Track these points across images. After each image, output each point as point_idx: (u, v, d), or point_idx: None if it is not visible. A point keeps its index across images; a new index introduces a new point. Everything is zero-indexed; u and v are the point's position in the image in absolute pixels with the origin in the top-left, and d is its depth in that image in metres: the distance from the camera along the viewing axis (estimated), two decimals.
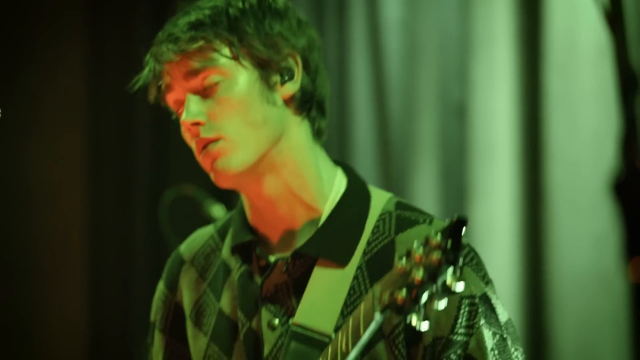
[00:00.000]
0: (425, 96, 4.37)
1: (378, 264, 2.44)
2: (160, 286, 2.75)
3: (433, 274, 1.99)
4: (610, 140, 3.83)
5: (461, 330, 2.39)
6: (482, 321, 2.40)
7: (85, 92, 5.93)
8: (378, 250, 2.47)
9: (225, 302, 2.61)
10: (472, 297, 2.40)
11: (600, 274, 3.86)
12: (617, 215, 1.52)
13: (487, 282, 2.44)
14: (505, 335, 2.44)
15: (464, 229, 2.02)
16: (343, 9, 4.63)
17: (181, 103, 2.51)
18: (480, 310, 2.40)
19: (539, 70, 4.06)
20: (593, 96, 3.91)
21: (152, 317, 2.75)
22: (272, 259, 2.53)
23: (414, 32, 4.42)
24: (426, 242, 2.03)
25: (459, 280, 2.00)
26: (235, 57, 2.47)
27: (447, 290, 2.00)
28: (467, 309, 2.39)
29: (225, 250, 2.66)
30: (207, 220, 4.36)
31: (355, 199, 2.54)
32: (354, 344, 2.14)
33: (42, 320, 5.77)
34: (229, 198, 4.55)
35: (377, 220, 2.50)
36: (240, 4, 2.51)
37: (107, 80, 5.79)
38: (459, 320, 2.39)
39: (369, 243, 2.48)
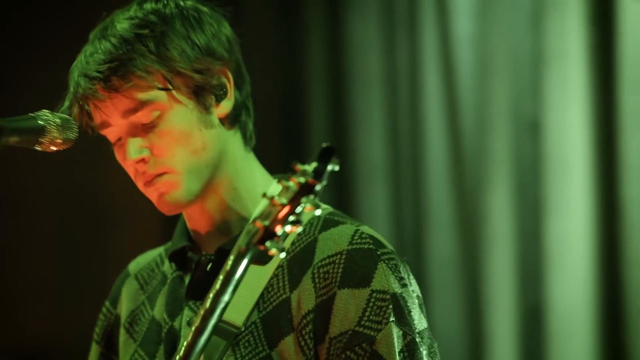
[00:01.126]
0: (497, 111, 4.35)
1: (298, 261, 2.47)
2: (105, 302, 2.81)
3: (294, 199, 2.00)
4: None
5: (368, 324, 2.38)
6: (392, 318, 2.39)
7: None
8: (300, 250, 2.49)
9: (158, 309, 2.65)
10: (383, 292, 2.40)
11: None
12: None
13: (404, 285, 2.44)
14: (418, 340, 2.41)
15: (331, 156, 2.02)
16: (414, 24, 4.62)
17: (119, 135, 2.50)
18: (390, 306, 2.40)
19: (612, 84, 4.01)
20: None
21: (95, 329, 2.79)
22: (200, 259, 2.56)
23: (486, 46, 4.39)
24: (295, 172, 2.03)
25: (317, 208, 2.00)
26: (169, 89, 2.46)
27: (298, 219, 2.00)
28: (376, 303, 2.39)
29: (166, 263, 2.70)
30: None
31: None
32: (225, 281, 2.09)
33: None
34: None
35: (306, 225, 2.51)
36: (160, 24, 2.47)
37: None
38: (367, 313, 2.39)
39: (292, 244, 2.49)
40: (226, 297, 2.08)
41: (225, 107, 2.54)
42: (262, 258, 2.03)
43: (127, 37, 2.44)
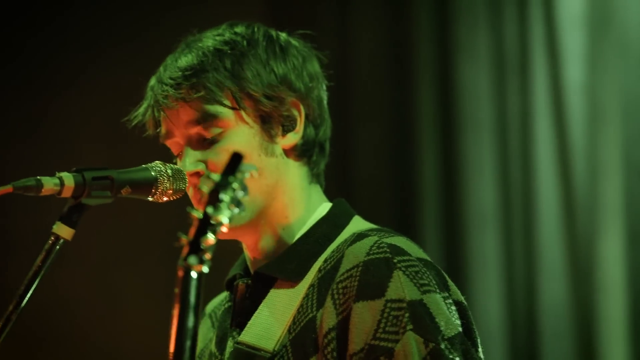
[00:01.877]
0: (609, 157, 4.30)
1: (327, 279, 2.41)
2: None
3: (205, 211, 1.94)
4: None
5: (384, 335, 2.26)
6: (410, 326, 2.26)
7: None
8: (330, 267, 2.43)
9: (213, 342, 2.64)
10: (399, 300, 2.29)
11: None
12: None
13: (427, 291, 2.30)
14: (444, 346, 2.25)
15: (239, 162, 1.95)
16: (525, 70, 4.60)
17: (181, 149, 2.53)
18: (408, 315, 2.27)
19: None
20: None
21: None
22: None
23: (597, 92, 4.36)
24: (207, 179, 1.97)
25: (224, 215, 1.92)
26: (236, 108, 2.47)
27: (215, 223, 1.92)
28: (392, 313, 2.28)
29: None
30: None
31: (327, 223, 2.53)
32: (181, 307, 1.95)
33: None
34: None
35: (341, 242, 2.47)
36: (244, 43, 2.49)
37: None
38: (382, 325, 2.27)
39: (325, 261, 2.45)
40: (189, 323, 1.95)
41: (291, 139, 2.54)
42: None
43: (207, 51, 2.48)
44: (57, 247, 2.37)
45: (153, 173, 2.45)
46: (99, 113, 5.03)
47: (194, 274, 1.92)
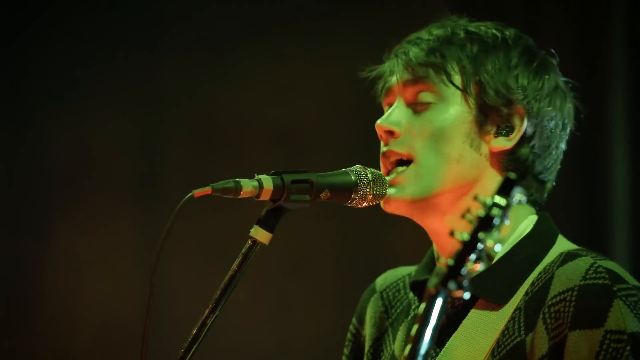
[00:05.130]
0: None
1: (535, 301, 2.33)
2: (353, 319, 2.75)
3: (474, 234, 1.86)
4: None
5: None
6: None
7: None
8: (538, 289, 2.34)
9: (397, 345, 2.56)
10: (619, 332, 2.21)
11: None
12: None
13: None
14: None
15: (513, 187, 1.87)
16: None
17: (393, 102, 2.50)
18: (628, 348, 2.19)
19: None
20: None
21: (344, 349, 2.74)
22: None
23: None
24: (476, 201, 1.88)
25: (497, 242, 1.84)
26: (461, 89, 2.43)
27: (486, 253, 1.84)
28: (611, 345, 2.20)
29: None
30: None
31: (533, 242, 2.44)
32: (421, 328, 1.90)
33: None
34: None
35: (549, 263, 2.37)
36: (502, 41, 2.46)
37: None
38: (600, 357, 2.20)
39: (532, 283, 2.36)
40: (424, 345, 1.91)
41: (501, 143, 2.47)
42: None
43: (463, 31, 2.48)
44: (254, 251, 2.33)
45: (353, 177, 2.40)
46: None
47: (439, 300, 1.87)
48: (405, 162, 2.47)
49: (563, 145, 2.56)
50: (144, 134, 5.08)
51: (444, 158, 2.42)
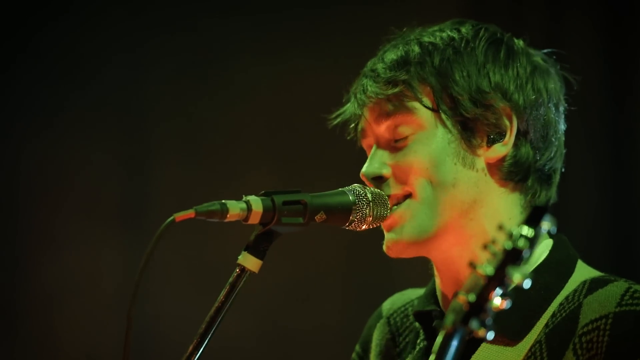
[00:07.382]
0: None
1: (559, 333, 2.18)
2: (356, 347, 2.62)
3: (500, 267, 1.72)
4: None
5: None
6: None
7: None
8: (561, 319, 2.19)
9: None
10: None
11: None
12: None
13: None
14: None
15: (544, 217, 1.74)
16: None
17: (371, 147, 2.37)
18: None
19: None
20: None
21: None
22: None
23: None
24: (501, 231, 1.76)
25: (527, 277, 1.71)
26: (435, 109, 2.28)
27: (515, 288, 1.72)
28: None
29: None
30: None
31: (550, 272, 2.29)
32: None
33: None
34: None
35: (570, 292, 2.23)
36: (462, 42, 2.32)
37: None
38: None
39: (553, 315, 2.21)
40: None
41: (497, 151, 2.32)
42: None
43: (417, 45, 2.34)
44: (243, 280, 2.14)
45: (351, 197, 2.23)
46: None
47: (454, 342, 1.74)
48: (404, 198, 2.33)
49: (562, 126, 2.41)
50: (129, 155, 4.93)
51: (439, 187, 2.28)
